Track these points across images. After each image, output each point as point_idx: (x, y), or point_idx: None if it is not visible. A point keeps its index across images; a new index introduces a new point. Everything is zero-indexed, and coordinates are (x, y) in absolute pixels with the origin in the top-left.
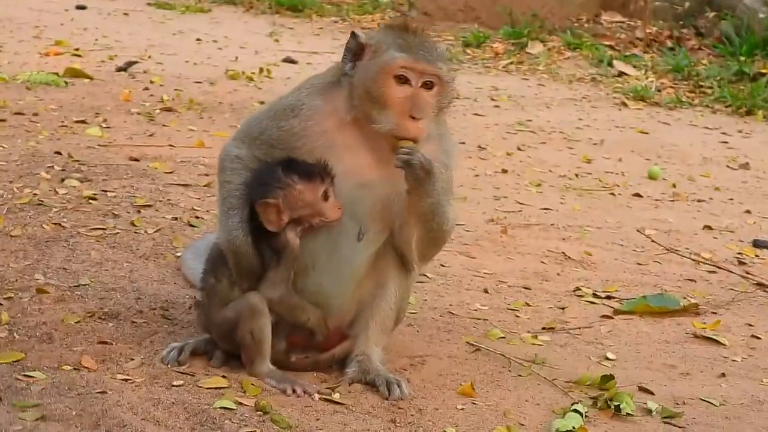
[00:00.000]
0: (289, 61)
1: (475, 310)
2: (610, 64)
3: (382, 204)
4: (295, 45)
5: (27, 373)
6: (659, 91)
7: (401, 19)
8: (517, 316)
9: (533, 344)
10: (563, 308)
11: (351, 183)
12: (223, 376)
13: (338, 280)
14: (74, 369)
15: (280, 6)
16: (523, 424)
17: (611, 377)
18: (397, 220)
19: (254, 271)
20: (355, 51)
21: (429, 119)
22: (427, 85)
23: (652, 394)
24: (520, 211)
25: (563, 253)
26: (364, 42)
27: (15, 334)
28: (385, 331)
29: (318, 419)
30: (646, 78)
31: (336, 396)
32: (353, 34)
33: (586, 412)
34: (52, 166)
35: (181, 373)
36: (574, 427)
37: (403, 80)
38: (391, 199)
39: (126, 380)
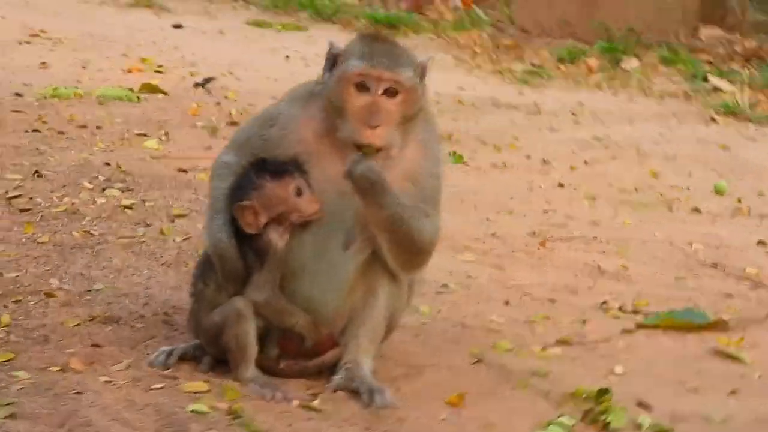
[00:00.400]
0: None
1: (491, 321)
2: (704, 80)
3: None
4: None
5: (12, 373)
6: (753, 106)
7: (373, 29)
8: (534, 329)
9: (541, 357)
10: (584, 322)
11: (333, 191)
12: (206, 381)
13: (328, 288)
14: (61, 370)
15: (376, 23)
16: None
17: (607, 391)
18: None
19: (239, 274)
20: (333, 61)
21: (389, 127)
22: (389, 93)
23: (651, 409)
24: (566, 224)
25: (598, 266)
26: (337, 52)
27: (12, 336)
28: (374, 340)
29: (290, 425)
30: (741, 93)
31: (316, 403)
32: (329, 44)
33: (573, 425)
34: (97, 177)
35: (164, 376)
36: None
37: (362, 88)
38: None
39: (108, 382)
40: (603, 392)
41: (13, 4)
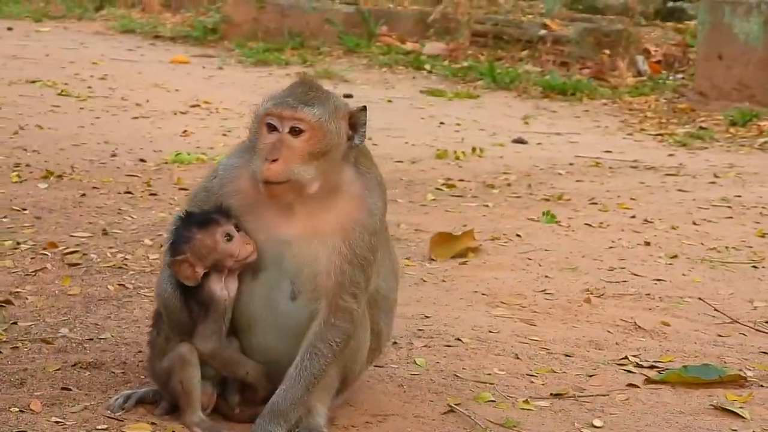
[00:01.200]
0: (519, 141)
1: (488, 374)
2: None
3: (307, 260)
4: (544, 127)
5: None
6: None
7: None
8: (532, 382)
9: (522, 409)
10: (591, 376)
11: (274, 240)
12: (153, 423)
13: (280, 339)
14: (20, 411)
15: (551, 90)
16: None
17: None
18: (323, 278)
19: (184, 324)
20: None
21: (292, 163)
22: (294, 132)
23: None
24: (626, 281)
25: (635, 322)
26: None
27: None
28: (327, 388)
29: None
30: None
31: None
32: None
33: None
34: (162, 234)
35: (113, 418)
36: None
37: (272, 128)
38: (314, 255)
39: (57, 422)
40: None
41: (196, 79)
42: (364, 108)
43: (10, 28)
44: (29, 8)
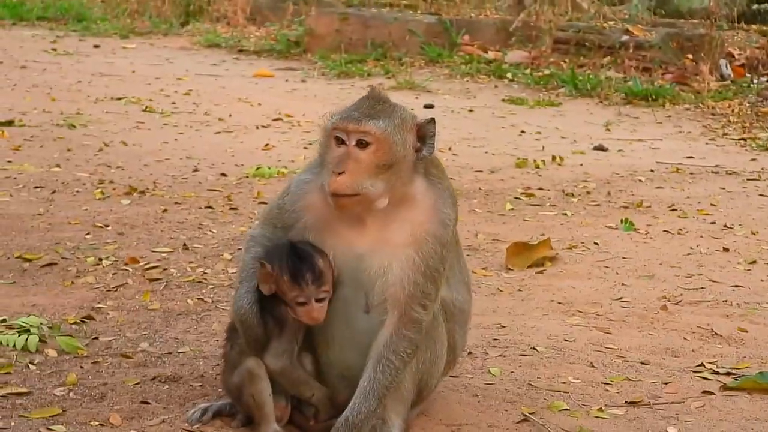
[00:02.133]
0: (600, 148)
1: (563, 383)
2: None
3: (380, 272)
4: (626, 134)
5: (51, 427)
6: None
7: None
8: (607, 390)
9: (596, 417)
10: (667, 383)
11: (348, 254)
12: None
13: (356, 353)
14: (100, 425)
15: (633, 96)
16: None
17: None
18: (396, 290)
19: (260, 340)
20: None
21: (359, 176)
22: (361, 144)
23: None
24: (704, 288)
25: (712, 329)
26: None
27: (72, 393)
28: (402, 399)
29: None
30: None
31: None
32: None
33: None
34: (241, 249)
35: (190, 431)
36: None
37: (340, 142)
38: (387, 267)
39: None
40: None
41: (279, 92)
42: (432, 120)
43: (97, 46)
44: (117, 25)
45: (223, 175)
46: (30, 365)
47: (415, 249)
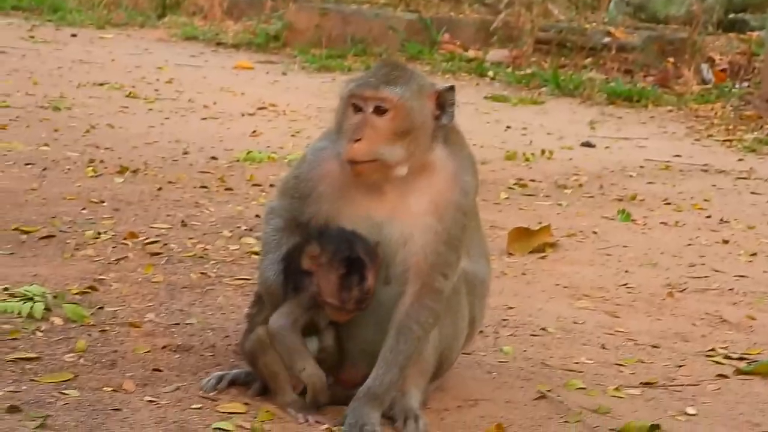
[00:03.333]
0: (587, 144)
1: (576, 363)
2: None
3: (400, 242)
4: (611, 132)
5: (64, 391)
6: None
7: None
8: (621, 371)
9: (613, 396)
10: (680, 366)
11: (367, 224)
12: (246, 404)
13: (377, 326)
14: (113, 390)
15: (616, 97)
16: None
17: (657, 427)
18: (418, 259)
19: None
20: None
21: (377, 143)
22: (379, 111)
23: None
24: (708, 277)
25: (720, 316)
26: None
27: (82, 360)
28: (423, 372)
29: None
30: None
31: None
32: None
33: None
34: (240, 227)
35: (206, 398)
36: None
37: (357, 109)
38: (407, 236)
39: (150, 401)
40: (654, 428)
41: (261, 83)
42: (452, 87)
43: (74, 35)
44: (92, 16)
45: (214, 158)
46: (37, 332)
47: (436, 217)
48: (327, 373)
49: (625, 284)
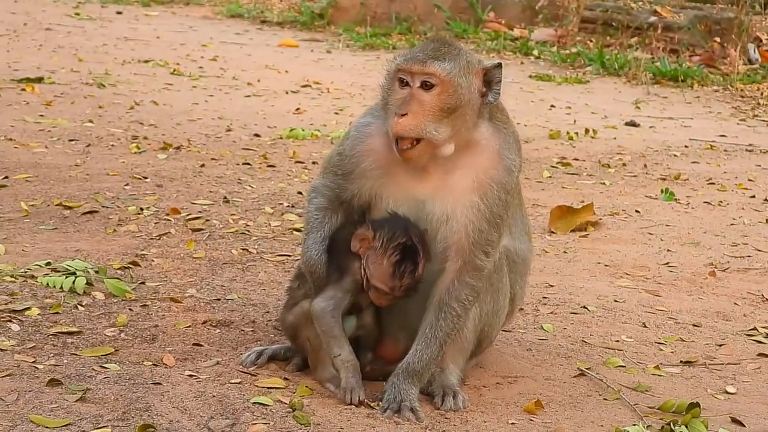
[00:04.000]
0: (632, 124)
1: (617, 341)
2: None
3: (442, 220)
4: (656, 112)
5: (104, 365)
6: None
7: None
8: (661, 350)
9: (653, 374)
10: (721, 345)
11: (410, 200)
12: (285, 378)
13: (419, 303)
14: (153, 365)
15: (661, 76)
16: None
17: (696, 405)
18: (461, 237)
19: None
20: None
21: (422, 118)
22: (425, 86)
23: (743, 426)
24: (750, 256)
25: (762, 295)
26: None
27: (123, 334)
28: (462, 349)
29: (349, 420)
30: None
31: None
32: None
33: None
34: (282, 203)
35: (246, 373)
36: None
37: (404, 84)
38: (450, 213)
39: (191, 376)
40: (692, 406)
41: (305, 61)
42: (499, 65)
43: (119, 12)
44: None
45: (257, 135)
46: (78, 306)
47: (479, 195)
48: (367, 349)
49: (666, 263)
